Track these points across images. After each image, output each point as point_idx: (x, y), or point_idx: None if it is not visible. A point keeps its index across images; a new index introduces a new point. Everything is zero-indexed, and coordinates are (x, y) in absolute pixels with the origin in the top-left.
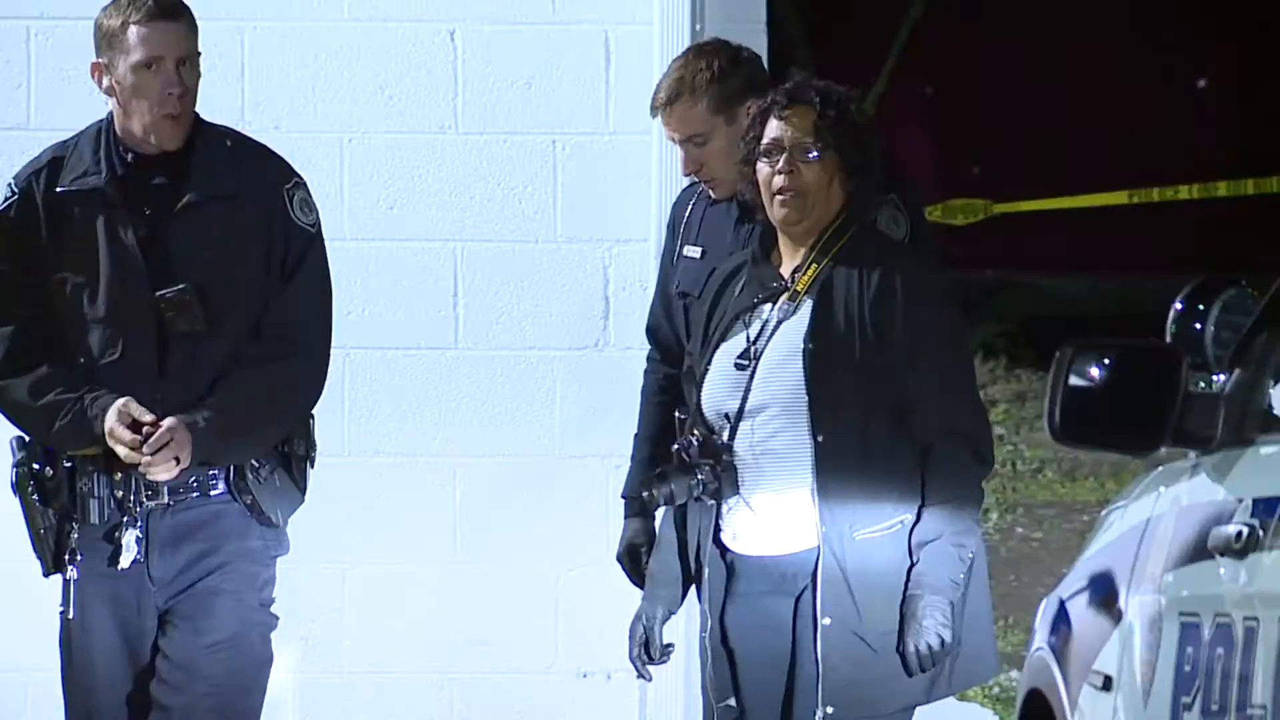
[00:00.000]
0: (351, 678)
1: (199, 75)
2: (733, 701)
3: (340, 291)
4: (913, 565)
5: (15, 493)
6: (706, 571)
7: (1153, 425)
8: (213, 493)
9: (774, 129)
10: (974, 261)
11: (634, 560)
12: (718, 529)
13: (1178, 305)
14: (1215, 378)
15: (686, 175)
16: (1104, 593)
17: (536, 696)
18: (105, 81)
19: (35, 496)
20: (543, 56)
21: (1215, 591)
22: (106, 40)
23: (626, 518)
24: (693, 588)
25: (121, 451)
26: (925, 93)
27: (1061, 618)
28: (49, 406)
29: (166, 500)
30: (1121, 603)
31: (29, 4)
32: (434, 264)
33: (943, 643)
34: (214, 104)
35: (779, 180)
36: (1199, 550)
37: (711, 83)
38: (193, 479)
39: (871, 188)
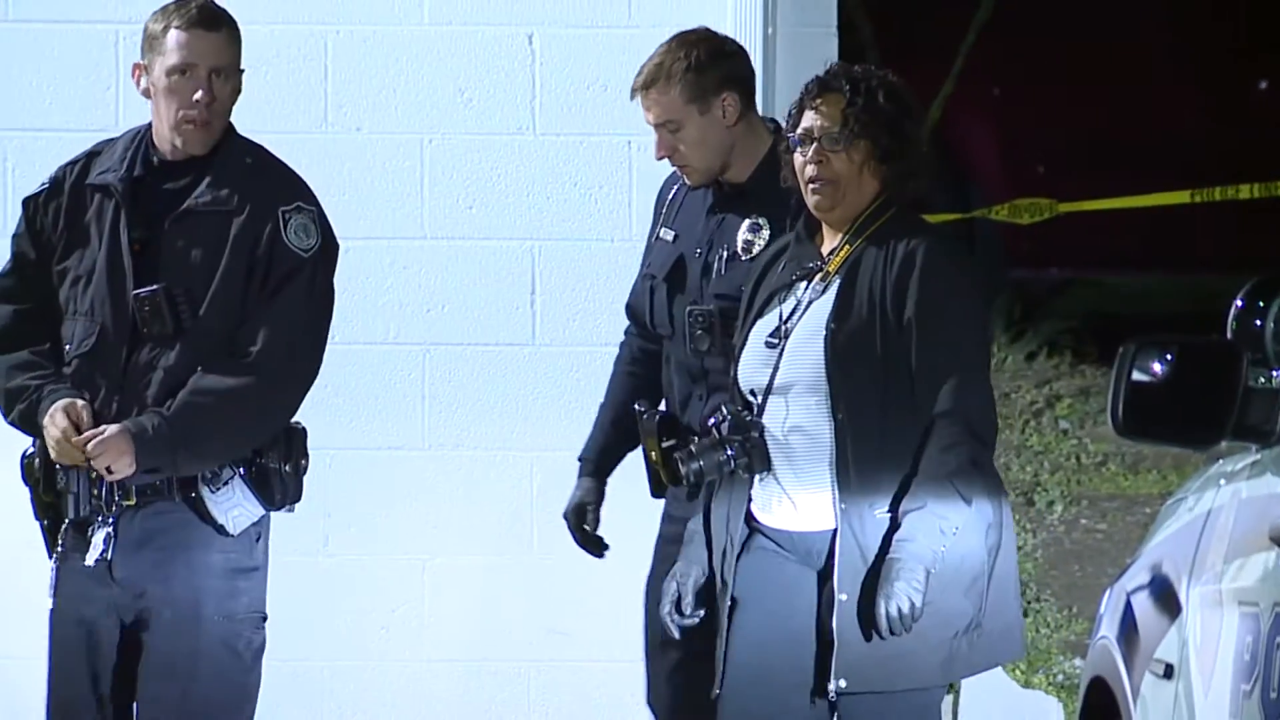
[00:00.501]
0: (431, 666)
1: (236, 88)
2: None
3: (420, 288)
4: (895, 531)
5: (25, 480)
6: (733, 541)
7: (1214, 420)
8: (171, 498)
9: (807, 118)
10: (1039, 260)
11: (580, 518)
12: (749, 501)
13: (1238, 303)
14: (1275, 374)
15: (659, 159)
16: (1166, 583)
17: (615, 685)
18: (143, 83)
19: (40, 487)
20: (618, 59)
21: (1275, 582)
22: (149, 43)
23: (580, 476)
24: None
25: (50, 444)
26: (992, 94)
27: (1124, 608)
28: (15, 390)
29: (135, 500)
30: (1183, 593)
31: (118, 9)
32: (511, 262)
33: (913, 606)
34: (298, 107)
35: (810, 170)
36: (1259, 541)
37: (687, 72)
38: (160, 481)
39: (909, 171)
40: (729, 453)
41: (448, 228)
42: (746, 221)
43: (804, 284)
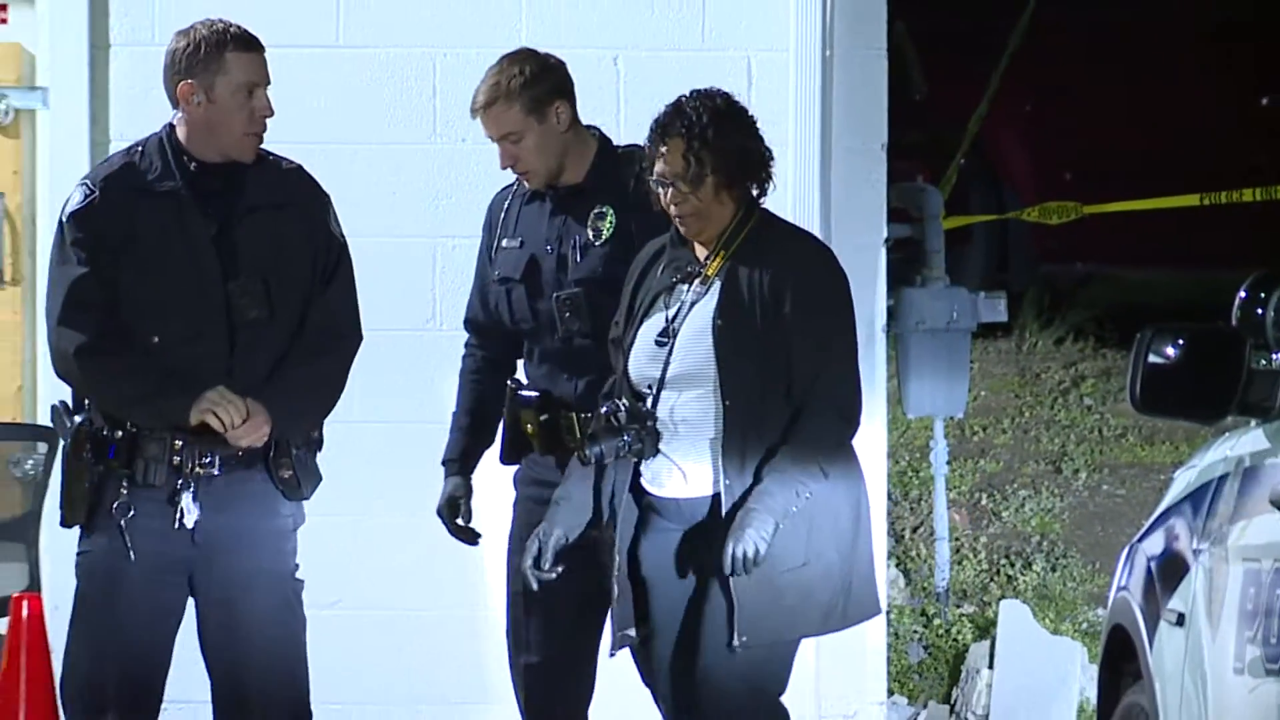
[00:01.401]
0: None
1: None
2: (632, 631)
3: None
4: (757, 486)
5: (69, 449)
6: (620, 513)
7: (1220, 398)
8: (251, 468)
9: (659, 163)
10: (1066, 256)
11: (453, 512)
12: (636, 474)
13: (1241, 294)
14: (1274, 356)
15: (504, 169)
16: (1178, 541)
17: None
18: (196, 99)
19: (89, 455)
20: (694, 78)
21: (1274, 540)
22: (201, 64)
23: (446, 477)
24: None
25: (215, 423)
26: (1024, 111)
27: (1141, 563)
28: (145, 391)
29: (216, 470)
30: (1193, 549)
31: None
32: None
33: (757, 552)
34: (409, 122)
35: (673, 208)
36: (1260, 505)
37: (524, 88)
38: (240, 451)
39: (758, 178)
40: (626, 439)
41: None
42: (592, 212)
43: (685, 286)
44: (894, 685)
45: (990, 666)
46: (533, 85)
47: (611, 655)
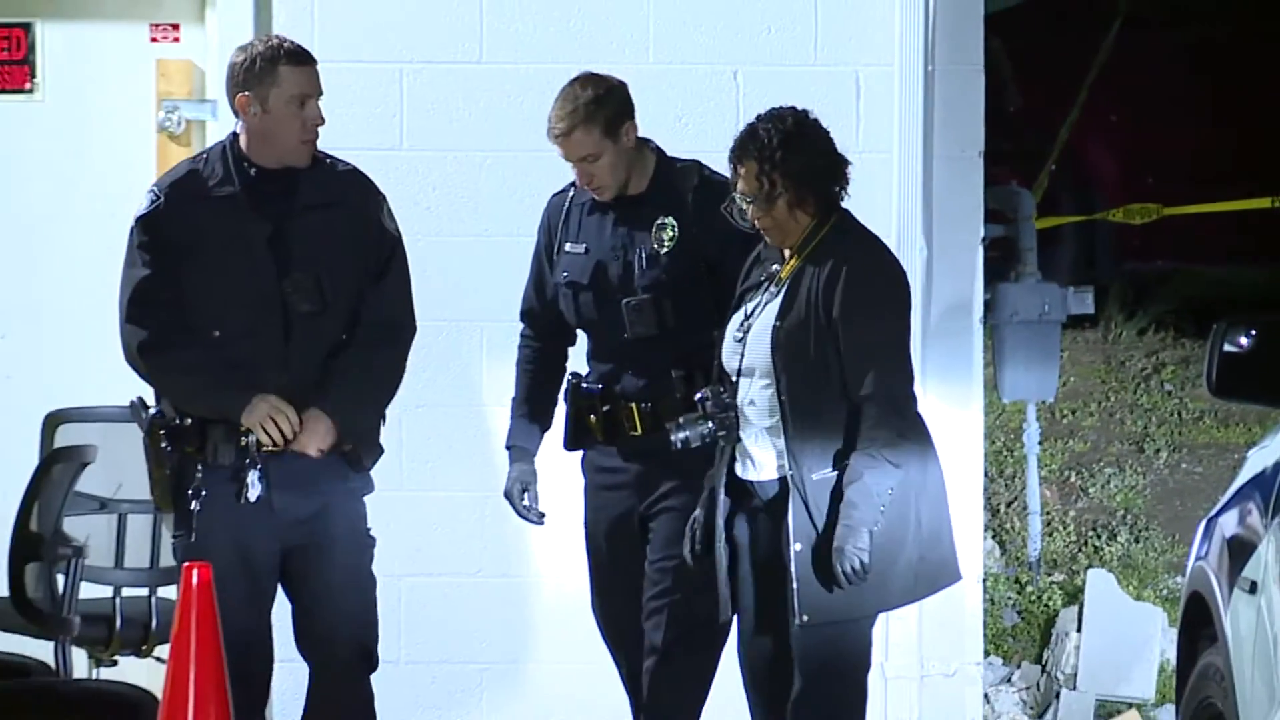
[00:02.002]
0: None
1: None
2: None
3: None
4: (836, 491)
5: (148, 440)
6: (721, 495)
7: None
8: None
9: (739, 182)
10: (1148, 254)
11: (520, 495)
12: (733, 459)
13: None
14: None
15: (583, 187)
16: (1250, 515)
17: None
18: (252, 110)
19: (165, 444)
20: (807, 91)
21: None
22: (256, 76)
23: (512, 462)
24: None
25: (264, 438)
26: (1110, 120)
27: (1217, 535)
28: (202, 386)
29: (278, 447)
30: (1264, 523)
31: (401, 51)
32: None
33: (862, 564)
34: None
35: (757, 224)
36: None
37: (599, 111)
38: (299, 429)
39: (830, 191)
40: (710, 425)
41: None
42: (655, 223)
43: (767, 286)
44: (990, 647)
45: (1078, 630)
46: (606, 108)
47: (727, 618)
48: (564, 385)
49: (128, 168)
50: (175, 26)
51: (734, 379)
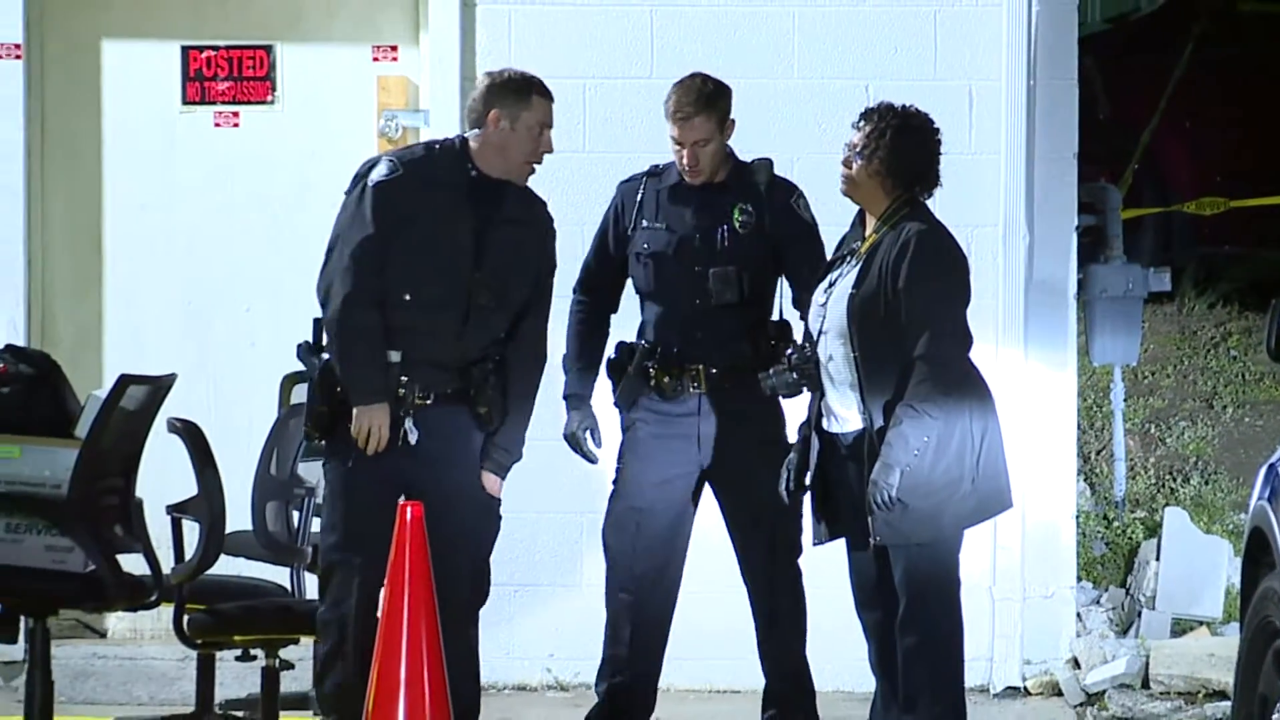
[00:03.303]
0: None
1: None
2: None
3: None
4: (882, 443)
5: (316, 381)
6: (815, 442)
7: None
8: (460, 403)
9: (854, 135)
10: (1217, 240)
11: (580, 438)
12: (820, 414)
13: None
14: None
15: (686, 168)
16: None
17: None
18: (501, 124)
19: (336, 386)
20: (927, 102)
21: None
22: (511, 98)
23: (570, 410)
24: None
25: (360, 434)
26: (1184, 126)
27: (1276, 478)
28: (362, 356)
29: (430, 401)
30: None
31: (584, 67)
32: None
33: (889, 498)
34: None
35: (848, 178)
36: None
37: (718, 102)
38: (451, 390)
39: (912, 179)
40: (794, 376)
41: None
42: (737, 207)
43: (849, 258)
44: (1081, 573)
45: (1157, 559)
46: (723, 102)
47: (815, 544)
48: (616, 348)
49: (353, 166)
50: (394, 48)
51: (816, 338)
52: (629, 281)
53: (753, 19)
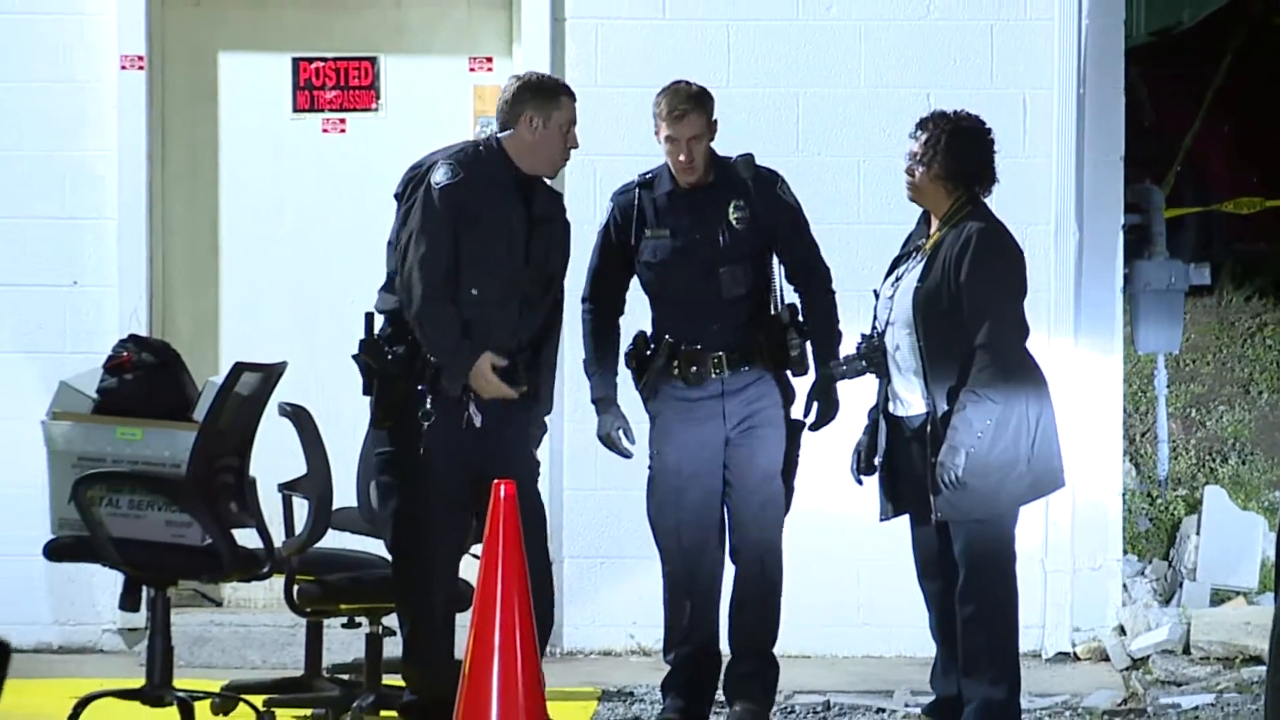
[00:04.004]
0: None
1: None
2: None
3: None
4: (948, 427)
5: (390, 371)
6: (883, 425)
7: None
8: (513, 386)
9: (912, 144)
10: (1254, 237)
11: (615, 439)
12: (887, 399)
13: None
14: None
15: (681, 166)
16: None
17: None
18: (534, 124)
19: (404, 376)
20: (983, 109)
21: None
22: (543, 100)
23: (601, 414)
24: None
25: (490, 390)
26: (1223, 131)
27: None
28: (449, 346)
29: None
30: None
31: (664, 77)
32: None
33: (955, 478)
34: (777, 143)
35: (912, 184)
36: None
37: (708, 103)
38: (501, 376)
39: (971, 181)
40: (863, 363)
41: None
42: (731, 205)
43: (915, 254)
44: (1127, 546)
45: (1198, 533)
46: (710, 101)
47: (882, 520)
48: (634, 340)
49: None
50: (489, 59)
51: (883, 328)
52: (633, 282)
53: (822, 33)
